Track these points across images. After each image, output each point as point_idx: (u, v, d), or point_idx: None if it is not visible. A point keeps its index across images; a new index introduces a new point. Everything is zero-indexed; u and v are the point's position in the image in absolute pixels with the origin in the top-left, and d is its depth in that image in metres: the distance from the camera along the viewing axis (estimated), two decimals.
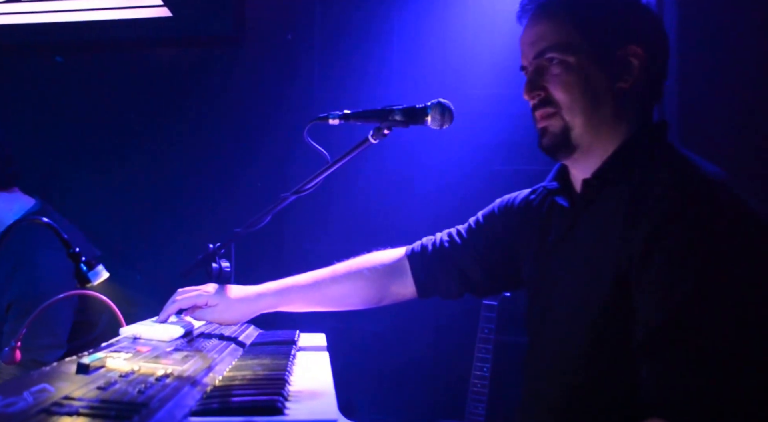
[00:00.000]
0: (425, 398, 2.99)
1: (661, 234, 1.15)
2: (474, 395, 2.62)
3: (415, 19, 3.08)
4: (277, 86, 3.21)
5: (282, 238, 3.15)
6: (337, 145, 1.75)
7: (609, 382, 1.25)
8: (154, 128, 3.30)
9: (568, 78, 1.33)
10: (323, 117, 1.73)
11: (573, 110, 1.34)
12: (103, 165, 3.30)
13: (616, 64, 1.33)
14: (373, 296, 1.79)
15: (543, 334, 1.43)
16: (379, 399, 3.00)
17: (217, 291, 1.72)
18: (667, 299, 1.12)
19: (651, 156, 1.31)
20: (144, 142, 3.29)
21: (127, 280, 2.35)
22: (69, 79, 3.39)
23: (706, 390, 1.06)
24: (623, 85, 1.34)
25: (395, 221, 2.99)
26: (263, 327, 1.99)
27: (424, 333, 3.01)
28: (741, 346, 1.07)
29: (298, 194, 1.79)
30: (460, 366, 2.77)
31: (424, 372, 3.00)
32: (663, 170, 1.25)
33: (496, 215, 1.70)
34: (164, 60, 3.35)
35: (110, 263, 1.93)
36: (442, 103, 1.65)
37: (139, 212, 3.26)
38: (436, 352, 3.01)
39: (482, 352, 2.64)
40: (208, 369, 1.26)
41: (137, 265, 3.16)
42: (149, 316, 1.73)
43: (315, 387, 1.29)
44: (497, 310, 2.67)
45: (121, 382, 1.05)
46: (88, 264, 1.70)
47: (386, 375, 3.00)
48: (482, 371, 2.62)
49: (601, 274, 1.26)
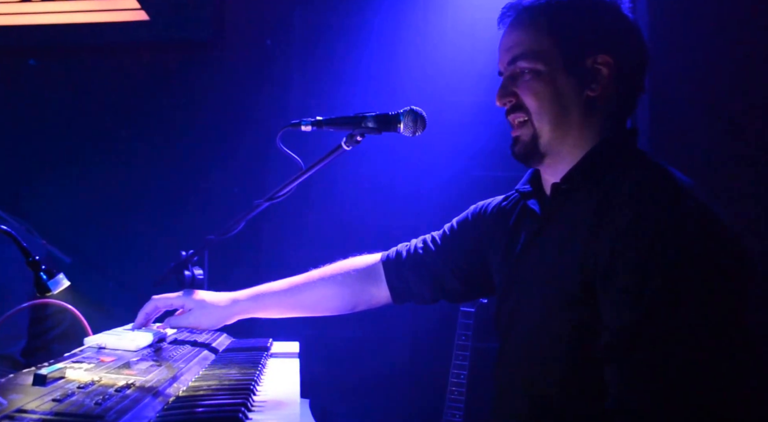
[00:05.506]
0: (402, 405, 2.98)
1: (626, 241, 1.16)
2: (451, 402, 2.61)
3: (394, 26, 3.08)
4: (255, 92, 3.19)
5: (259, 245, 3.12)
6: (313, 151, 1.74)
7: (575, 388, 1.25)
8: (129, 133, 3.25)
9: (538, 86, 1.35)
10: (296, 123, 1.72)
11: (541, 117, 1.35)
12: (75, 170, 3.24)
13: (585, 73, 1.34)
14: (348, 302, 1.80)
15: (511, 340, 1.43)
16: (355, 406, 2.98)
17: (193, 295, 1.73)
18: (632, 306, 1.13)
19: (620, 163, 1.32)
20: (118, 147, 3.25)
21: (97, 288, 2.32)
22: (42, 83, 3.33)
23: (668, 396, 1.07)
24: (591, 94, 1.34)
25: (373, 228, 2.98)
26: (238, 336, 1.97)
27: (401, 340, 3.00)
28: (704, 353, 1.08)
29: (272, 200, 1.78)
30: (437, 373, 2.75)
31: (401, 379, 2.98)
32: (630, 177, 1.26)
33: (470, 222, 1.70)
34: (140, 64, 3.31)
35: (81, 271, 1.91)
36: (415, 111, 1.65)
37: (111, 219, 3.20)
38: (413, 359, 3.00)
39: (459, 359, 2.63)
40: (172, 379, 1.24)
41: (109, 273, 3.11)
42: (122, 325, 1.70)
43: (281, 397, 1.27)
44: (474, 317, 2.66)
45: (78, 394, 1.02)
46: (48, 273, 1.66)
47: (363, 383, 2.98)
48: (459, 378, 2.61)
49: (567, 279, 1.26)
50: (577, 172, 1.35)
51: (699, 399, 1.07)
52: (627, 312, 1.13)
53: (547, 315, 1.30)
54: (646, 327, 1.11)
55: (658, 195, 1.20)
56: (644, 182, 1.24)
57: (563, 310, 1.27)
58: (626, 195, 1.21)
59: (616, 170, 1.30)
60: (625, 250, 1.15)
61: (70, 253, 2.42)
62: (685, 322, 1.09)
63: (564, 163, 1.37)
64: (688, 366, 1.08)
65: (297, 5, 3.22)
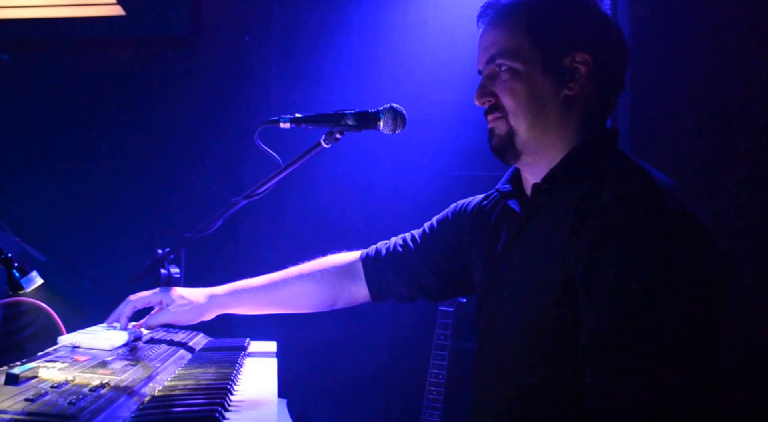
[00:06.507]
0: (380, 405, 2.97)
1: (606, 242, 1.16)
2: (429, 402, 2.60)
3: (374, 23, 3.07)
4: (233, 88, 3.16)
5: (236, 244, 3.10)
6: (293, 148, 1.73)
7: (556, 389, 1.24)
8: (104, 129, 3.20)
9: (515, 85, 1.34)
10: (274, 120, 1.71)
11: (518, 116, 1.35)
12: (51, 167, 3.19)
13: (563, 71, 1.34)
14: (326, 299, 1.79)
15: (490, 340, 1.42)
16: (333, 406, 2.97)
17: (170, 291, 1.71)
18: (612, 306, 1.13)
19: (601, 163, 1.32)
20: (94, 143, 3.19)
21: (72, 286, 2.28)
22: (16, 79, 3.26)
23: (647, 397, 1.07)
24: (569, 93, 1.34)
25: (352, 226, 2.97)
26: (215, 336, 1.95)
27: (380, 339, 2.99)
28: (683, 355, 1.09)
29: (249, 198, 1.77)
30: (415, 373, 2.75)
31: (380, 379, 2.98)
32: (611, 178, 1.25)
33: (450, 220, 1.70)
34: (117, 60, 3.26)
35: (56, 269, 1.87)
36: (395, 108, 1.65)
37: (86, 216, 3.15)
38: (392, 359, 2.99)
39: (438, 359, 2.63)
40: (148, 378, 1.22)
41: (84, 271, 3.06)
42: (97, 323, 1.68)
43: (258, 396, 1.26)
44: (453, 316, 2.66)
45: (52, 393, 1.00)
46: (21, 270, 1.63)
47: (341, 382, 2.97)
48: (438, 377, 2.61)
49: (547, 280, 1.26)
50: (557, 172, 1.34)
51: (679, 400, 1.07)
52: (606, 314, 1.13)
53: (528, 315, 1.30)
54: (625, 328, 1.11)
55: (639, 196, 1.19)
56: (625, 182, 1.24)
57: (544, 310, 1.26)
58: (607, 196, 1.21)
59: (597, 170, 1.30)
60: (605, 251, 1.15)
61: (45, 251, 2.37)
62: (664, 323, 1.09)
63: (543, 162, 1.37)
64: (668, 367, 1.08)
65: (275, 1, 3.20)
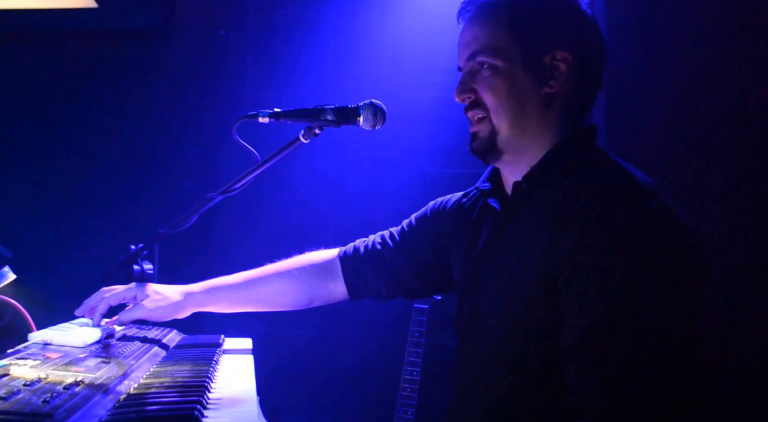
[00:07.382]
0: (354, 402, 2.96)
1: (587, 240, 1.16)
2: (403, 399, 2.60)
3: (352, 17, 3.04)
4: (208, 83, 3.12)
5: (210, 241, 3.05)
6: (269, 144, 1.71)
7: (536, 387, 1.25)
8: (75, 123, 3.12)
9: (496, 82, 1.34)
10: (253, 115, 1.68)
11: (499, 114, 1.35)
12: (19, 160, 3.10)
13: (543, 69, 1.34)
14: (303, 297, 1.78)
15: (471, 339, 1.42)
16: (306, 404, 2.96)
17: (145, 287, 1.68)
18: (593, 305, 1.13)
19: (581, 162, 1.32)
20: (64, 137, 3.11)
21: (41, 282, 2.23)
22: None
23: (628, 395, 1.08)
24: (549, 90, 1.35)
25: (328, 224, 2.95)
26: (188, 332, 1.92)
27: (354, 337, 2.97)
28: (664, 353, 1.10)
29: (226, 194, 1.75)
30: (389, 370, 2.74)
31: (353, 377, 2.96)
32: (591, 176, 1.26)
33: (429, 218, 1.70)
34: (89, 52, 3.18)
35: (23, 265, 1.83)
36: (375, 104, 1.65)
37: (55, 211, 3.07)
38: (366, 356, 2.98)
39: (412, 356, 2.62)
40: (123, 375, 1.20)
41: (53, 266, 2.99)
42: (66, 320, 1.64)
43: (237, 394, 1.24)
44: (428, 313, 2.66)
45: (25, 391, 0.97)
46: None
47: (314, 380, 2.96)
48: (412, 375, 2.61)
49: (528, 278, 1.26)
50: (538, 170, 1.35)
51: (660, 394, 1.08)
52: (588, 310, 1.14)
53: (509, 314, 1.30)
54: (606, 325, 1.11)
55: (619, 195, 1.20)
56: (606, 181, 1.24)
57: (525, 309, 1.26)
58: (587, 195, 1.21)
59: (577, 168, 1.30)
60: (585, 249, 1.16)
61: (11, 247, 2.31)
62: (646, 319, 1.10)
63: (524, 161, 1.37)
64: (650, 362, 1.09)
65: None
